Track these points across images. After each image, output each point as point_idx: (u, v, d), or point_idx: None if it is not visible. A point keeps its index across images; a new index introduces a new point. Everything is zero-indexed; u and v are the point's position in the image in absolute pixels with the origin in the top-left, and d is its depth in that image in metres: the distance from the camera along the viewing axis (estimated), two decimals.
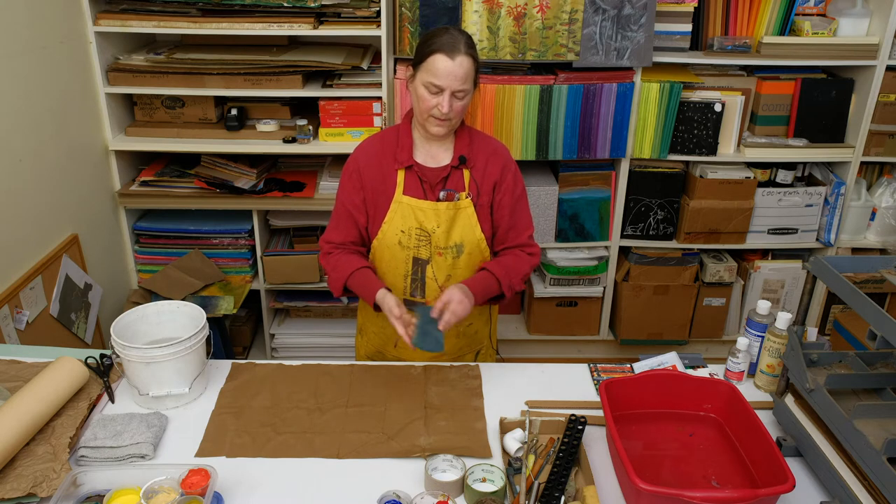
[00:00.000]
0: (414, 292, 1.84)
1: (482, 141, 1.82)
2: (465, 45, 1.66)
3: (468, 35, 1.69)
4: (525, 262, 1.84)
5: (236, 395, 1.71)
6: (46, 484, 1.37)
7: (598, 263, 3.09)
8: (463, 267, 1.82)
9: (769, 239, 3.07)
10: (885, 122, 2.88)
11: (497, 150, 1.83)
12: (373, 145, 1.81)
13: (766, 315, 1.74)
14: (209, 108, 2.81)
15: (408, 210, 1.76)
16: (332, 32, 2.66)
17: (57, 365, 1.61)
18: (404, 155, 1.77)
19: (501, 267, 1.79)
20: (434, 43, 1.65)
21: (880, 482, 1.26)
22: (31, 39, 2.27)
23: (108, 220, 2.79)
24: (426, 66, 1.66)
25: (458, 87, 1.65)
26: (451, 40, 1.64)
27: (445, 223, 1.77)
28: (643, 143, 2.88)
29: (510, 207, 1.82)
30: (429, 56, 1.65)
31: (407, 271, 1.82)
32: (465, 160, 1.78)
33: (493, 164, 1.80)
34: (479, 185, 1.79)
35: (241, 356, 3.11)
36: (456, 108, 1.68)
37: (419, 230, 1.77)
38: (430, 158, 1.79)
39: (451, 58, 1.63)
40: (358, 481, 1.46)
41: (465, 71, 1.65)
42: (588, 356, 3.34)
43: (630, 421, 1.55)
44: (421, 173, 1.77)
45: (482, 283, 1.76)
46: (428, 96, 1.67)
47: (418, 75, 1.69)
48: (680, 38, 2.80)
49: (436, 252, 1.79)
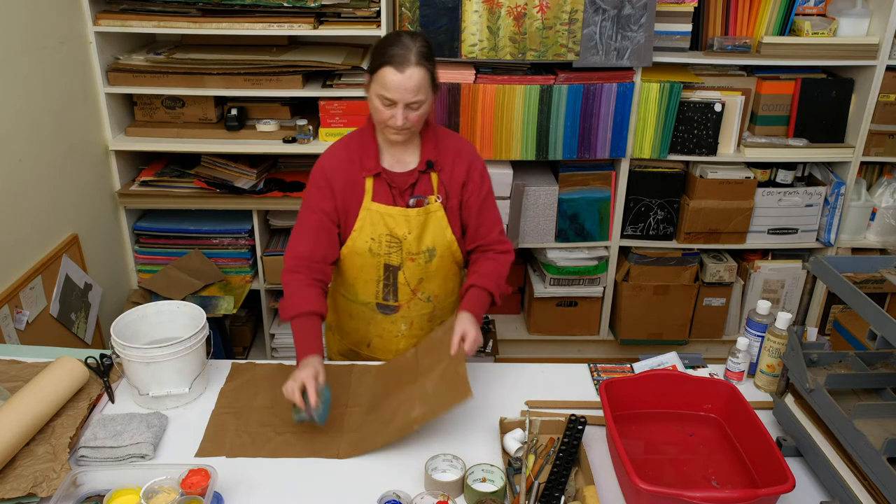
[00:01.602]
0: (387, 297, 1.83)
1: (447, 141, 1.80)
2: (417, 56, 1.60)
3: (423, 41, 1.63)
4: (503, 263, 1.85)
5: (236, 395, 1.71)
6: (46, 484, 1.37)
7: (598, 263, 3.09)
8: (435, 269, 1.82)
9: (769, 239, 3.07)
10: (885, 122, 2.88)
11: (462, 149, 1.81)
12: (338, 153, 1.77)
13: (766, 315, 1.74)
14: (209, 108, 2.81)
15: (377, 217, 1.74)
16: (332, 32, 2.66)
17: (57, 365, 1.61)
18: (371, 162, 1.74)
19: (489, 279, 1.79)
20: (384, 54, 1.60)
21: (880, 482, 1.26)
22: (31, 39, 2.26)
23: (108, 220, 2.79)
24: (378, 78, 1.62)
25: (411, 99, 1.61)
26: (402, 51, 1.59)
27: (416, 229, 1.76)
28: (643, 143, 2.88)
29: (478, 206, 1.82)
30: (379, 68, 1.61)
31: (379, 277, 1.81)
32: (433, 164, 1.76)
33: (460, 164, 1.79)
34: (448, 188, 1.78)
35: (241, 356, 3.11)
36: (412, 118, 1.65)
37: (389, 237, 1.76)
38: (397, 163, 1.77)
39: (401, 71, 1.58)
40: (358, 481, 1.46)
41: (416, 83, 1.60)
42: (588, 356, 3.34)
43: (630, 421, 1.55)
44: (389, 179, 1.75)
45: (480, 302, 1.76)
46: (382, 108, 1.64)
47: (372, 86, 1.65)
48: (680, 38, 2.80)
49: (408, 258, 1.78)
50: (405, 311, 1.85)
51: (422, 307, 1.86)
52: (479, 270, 1.82)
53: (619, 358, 3.30)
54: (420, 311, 1.87)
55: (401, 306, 1.85)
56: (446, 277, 1.87)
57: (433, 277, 1.83)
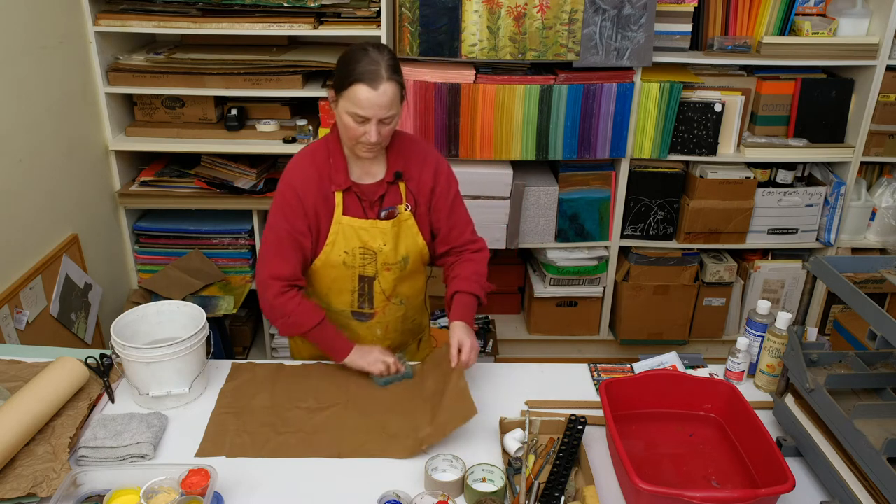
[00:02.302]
0: (362, 305, 1.83)
1: (411, 148, 1.79)
2: (388, 70, 1.57)
3: (390, 54, 1.61)
4: (481, 262, 1.86)
5: (236, 395, 1.71)
6: (46, 484, 1.37)
7: (598, 263, 3.09)
8: (408, 274, 1.83)
9: (769, 239, 3.07)
10: (885, 122, 2.88)
11: (427, 155, 1.80)
12: (305, 168, 1.72)
13: (766, 315, 1.74)
14: (209, 108, 2.81)
15: (350, 231, 1.73)
16: (332, 32, 2.66)
17: (57, 365, 1.61)
18: (341, 176, 1.71)
19: (472, 282, 1.79)
20: (354, 71, 1.57)
21: (880, 482, 1.26)
22: (30, 39, 2.26)
23: (108, 220, 2.79)
24: (348, 95, 1.58)
25: (384, 114, 1.59)
26: (373, 67, 1.56)
27: (391, 240, 1.75)
28: (643, 143, 2.87)
29: (447, 210, 1.81)
30: (350, 86, 1.57)
31: (353, 287, 1.81)
32: (401, 175, 1.75)
33: (427, 171, 1.78)
34: (416, 196, 1.78)
35: (241, 356, 3.11)
36: (384, 133, 1.63)
37: (363, 249, 1.75)
38: (365, 174, 1.75)
39: (374, 88, 1.56)
40: (358, 481, 1.46)
41: (389, 98, 1.58)
42: (588, 356, 3.34)
43: (630, 421, 1.55)
44: (359, 192, 1.74)
45: (468, 308, 1.77)
46: (354, 125, 1.61)
47: (341, 103, 1.62)
48: (680, 38, 2.80)
49: (383, 268, 1.78)
50: (380, 316, 1.86)
51: (395, 310, 1.87)
52: (459, 274, 1.82)
53: (619, 358, 3.30)
54: (395, 315, 1.87)
55: (376, 313, 1.85)
56: (416, 279, 1.88)
57: (406, 282, 1.84)
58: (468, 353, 1.67)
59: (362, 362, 1.74)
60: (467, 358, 1.67)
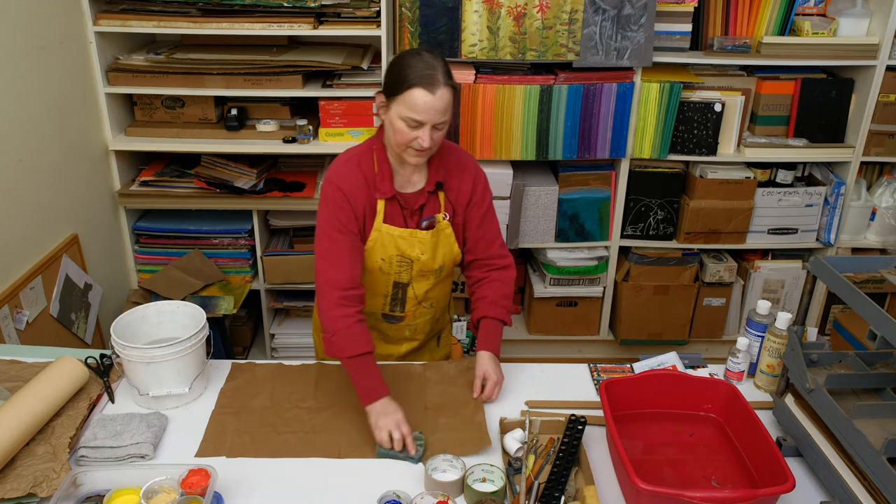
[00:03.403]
0: (393, 308, 1.84)
1: (451, 156, 1.78)
2: (444, 76, 1.56)
3: (443, 60, 1.59)
4: (508, 283, 1.84)
5: (236, 395, 1.71)
6: (46, 484, 1.37)
7: (598, 263, 3.09)
8: (442, 281, 1.84)
9: (769, 239, 3.07)
10: (885, 122, 2.88)
11: (465, 163, 1.79)
12: (352, 173, 1.69)
13: (766, 315, 1.74)
14: (209, 108, 2.81)
15: (388, 239, 1.72)
16: (332, 32, 2.66)
17: (57, 365, 1.61)
18: (386, 185, 1.70)
19: (499, 307, 1.79)
20: (411, 75, 1.55)
21: (880, 482, 1.26)
22: (30, 39, 2.26)
23: (108, 220, 2.79)
24: (404, 99, 1.56)
25: (439, 119, 1.57)
26: (430, 71, 1.54)
27: (430, 250, 1.75)
28: (643, 143, 2.87)
29: (479, 220, 1.80)
30: (406, 90, 1.55)
31: (387, 292, 1.81)
32: (442, 185, 1.74)
33: (465, 181, 1.77)
34: (454, 205, 1.77)
35: (241, 356, 3.11)
36: (436, 138, 1.61)
37: (400, 257, 1.74)
38: (406, 183, 1.74)
39: (432, 92, 1.54)
40: (358, 481, 1.46)
41: (445, 103, 1.57)
42: (588, 356, 3.34)
43: (630, 421, 1.55)
44: (402, 201, 1.73)
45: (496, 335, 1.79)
46: (407, 130, 1.58)
47: (394, 107, 1.59)
48: (680, 38, 2.80)
49: (419, 276, 1.78)
50: (410, 319, 1.87)
51: (425, 313, 1.88)
52: (486, 296, 1.80)
53: (619, 358, 3.30)
54: (424, 318, 1.89)
55: (406, 316, 1.86)
56: (446, 283, 1.89)
57: (439, 288, 1.85)
58: (491, 389, 1.69)
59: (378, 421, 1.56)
60: (489, 394, 1.69)
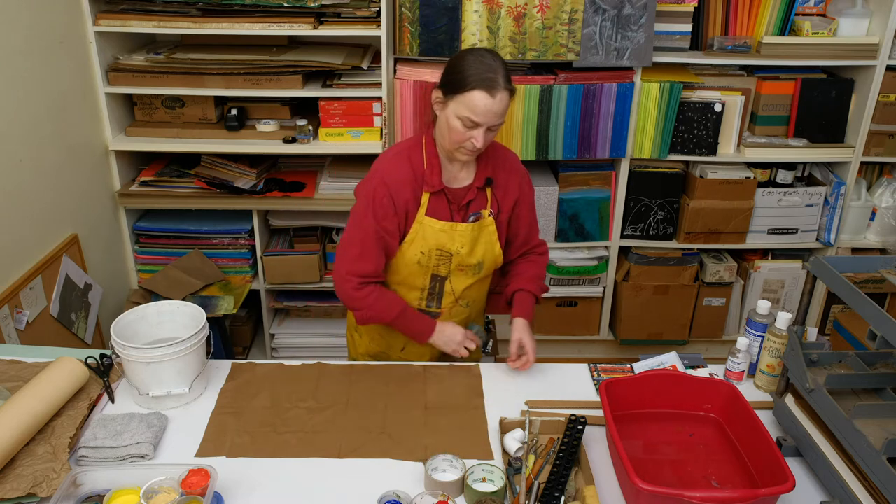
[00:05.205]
0: (430, 304, 1.85)
1: (498, 155, 1.80)
2: (504, 80, 1.59)
3: (504, 63, 1.61)
4: (542, 265, 1.95)
5: (236, 395, 1.71)
6: (46, 484, 1.37)
7: (598, 263, 3.09)
8: (481, 278, 1.86)
9: (769, 239, 3.07)
10: (885, 122, 2.88)
11: (514, 163, 1.83)
12: (401, 167, 1.71)
13: (766, 315, 1.74)
14: (209, 108, 2.81)
15: (429, 232, 1.74)
16: (332, 32, 2.66)
17: (57, 365, 1.61)
18: (435, 179, 1.72)
19: (534, 283, 1.89)
20: (472, 77, 1.57)
21: (880, 482, 1.26)
22: (30, 39, 2.26)
23: (108, 220, 2.79)
24: (463, 100, 1.58)
25: (496, 122, 1.61)
26: (491, 75, 1.57)
27: (469, 244, 1.77)
28: (643, 143, 2.87)
29: (528, 218, 1.86)
30: (467, 91, 1.57)
31: (424, 285, 1.82)
32: (491, 181, 1.77)
33: (513, 180, 1.81)
34: (501, 203, 1.80)
35: (241, 356, 3.11)
36: (488, 139, 1.64)
37: (439, 251, 1.76)
38: (454, 179, 1.77)
39: (493, 95, 1.57)
40: (358, 481, 1.46)
41: (504, 107, 1.60)
42: (588, 356, 3.34)
43: (630, 421, 1.55)
44: (449, 195, 1.75)
45: (529, 306, 1.88)
46: (462, 129, 1.61)
47: (451, 105, 1.61)
48: (680, 38, 2.80)
49: (457, 269, 1.80)
50: (445, 316, 1.87)
51: (461, 312, 1.89)
52: (522, 273, 1.89)
53: (619, 358, 3.30)
54: (459, 317, 1.90)
55: (442, 312, 1.86)
56: (484, 283, 1.91)
57: (477, 285, 1.86)
58: (531, 356, 1.78)
59: (446, 348, 1.82)
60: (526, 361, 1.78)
